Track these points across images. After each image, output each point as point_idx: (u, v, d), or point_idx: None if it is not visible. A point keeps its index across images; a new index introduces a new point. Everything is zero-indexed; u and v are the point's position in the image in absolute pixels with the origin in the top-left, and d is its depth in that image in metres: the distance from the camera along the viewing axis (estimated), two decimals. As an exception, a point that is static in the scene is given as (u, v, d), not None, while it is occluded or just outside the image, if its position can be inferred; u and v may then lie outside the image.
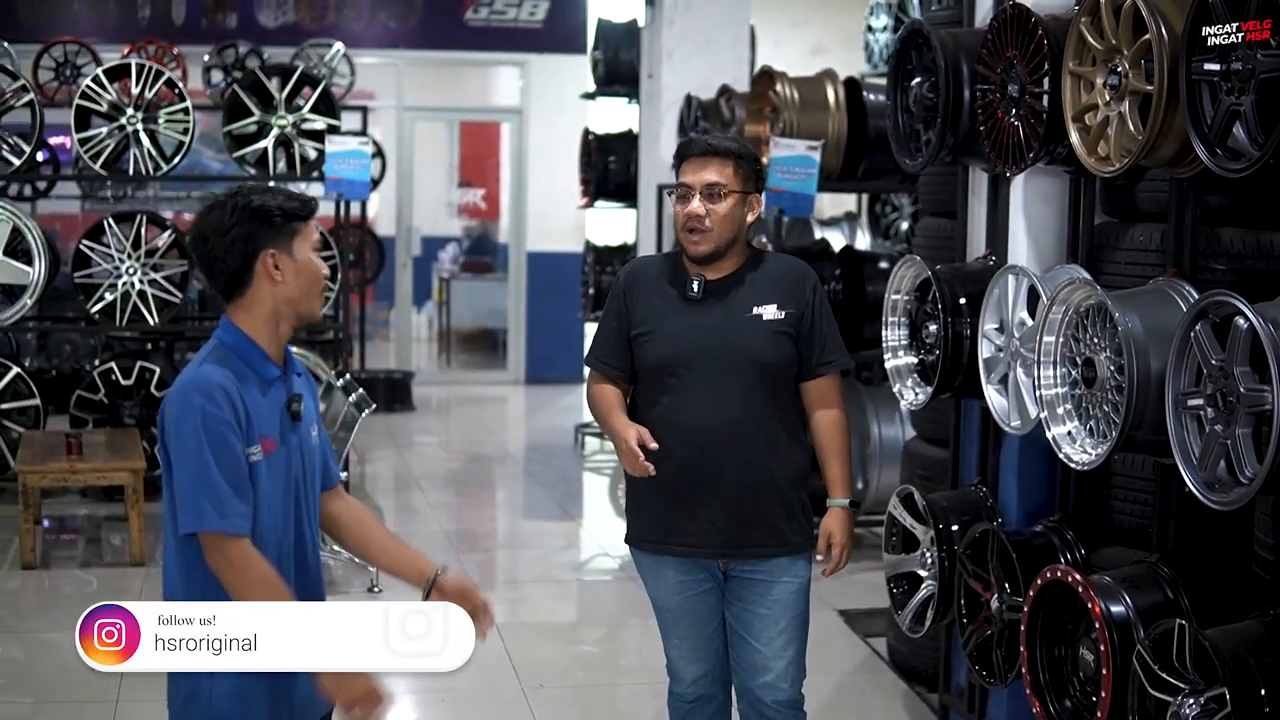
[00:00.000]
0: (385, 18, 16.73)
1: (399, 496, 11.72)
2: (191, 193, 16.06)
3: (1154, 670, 4.59)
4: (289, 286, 3.97)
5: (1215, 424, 4.36)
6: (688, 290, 5.03)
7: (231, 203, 3.92)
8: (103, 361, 11.07)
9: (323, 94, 11.31)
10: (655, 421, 4.99)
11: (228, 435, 3.86)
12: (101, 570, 9.24)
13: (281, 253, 3.94)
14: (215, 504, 3.86)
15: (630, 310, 5.08)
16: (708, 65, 11.81)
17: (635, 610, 8.59)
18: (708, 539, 5.04)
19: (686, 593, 5.14)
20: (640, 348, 5.06)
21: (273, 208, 3.92)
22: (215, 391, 3.85)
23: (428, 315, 19.91)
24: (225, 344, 3.97)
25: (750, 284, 5.06)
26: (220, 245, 3.92)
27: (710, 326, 5.00)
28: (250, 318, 3.98)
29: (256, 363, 3.98)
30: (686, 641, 5.20)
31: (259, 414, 3.95)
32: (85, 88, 10.60)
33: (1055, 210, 5.95)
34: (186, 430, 3.86)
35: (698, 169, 4.98)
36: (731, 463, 4.98)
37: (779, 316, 5.02)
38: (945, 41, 6.01)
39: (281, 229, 3.94)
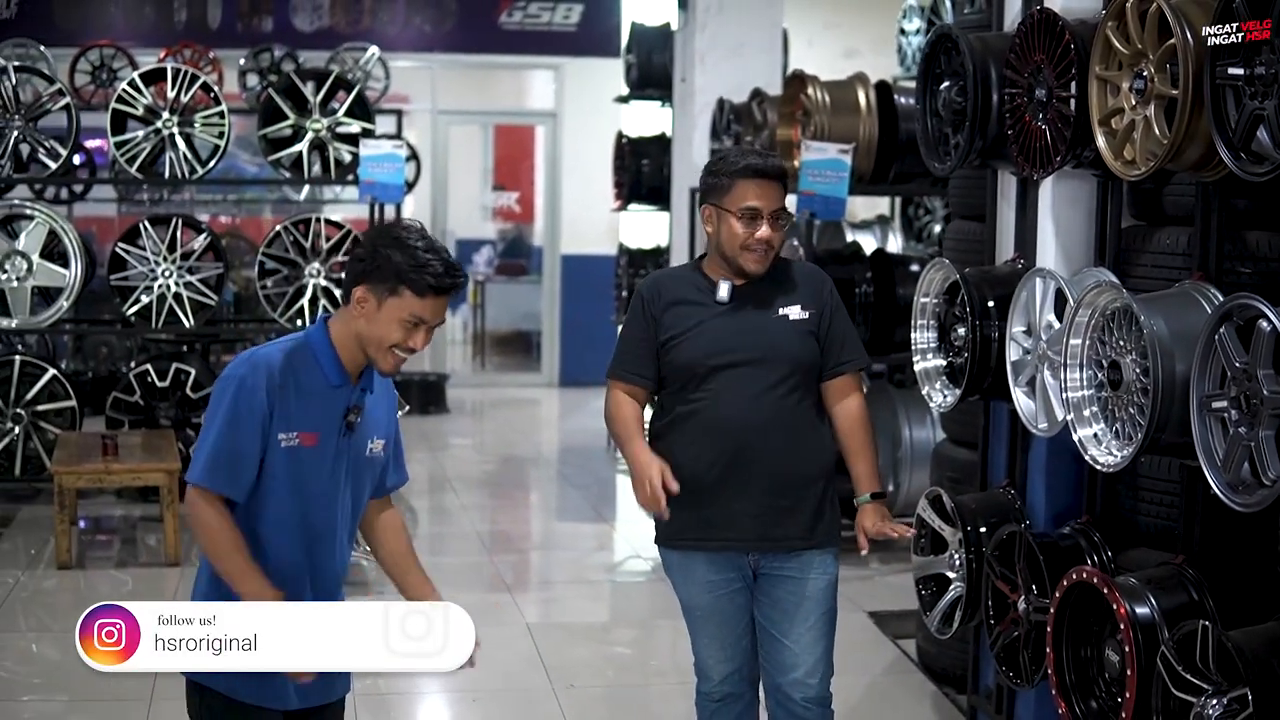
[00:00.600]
0: (420, 21, 16.80)
1: (433, 498, 11.78)
2: (227, 196, 16.17)
3: (1177, 671, 4.62)
4: (362, 326, 4.13)
5: (1239, 426, 4.39)
6: (716, 295, 5.10)
7: (398, 234, 4.12)
8: (138, 363, 11.16)
9: (357, 97, 11.38)
10: (689, 419, 5.07)
11: (253, 409, 4.07)
12: (137, 570, 9.32)
13: (373, 297, 4.10)
14: (210, 461, 4.09)
15: (657, 320, 5.13)
16: (740, 69, 11.83)
17: (667, 612, 8.60)
18: (741, 532, 5.10)
19: (716, 591, 5.18)
20: (671, 352, 5.11)
21: (395, 260, 4.06)
22: (261, 368, 4.09)
23: (462, 318, 19.97)
24: (308, 335, 4.22)
25: (774, 287, 5.14)
26: (354, 255, 4.17)
27: (741, 327, 5.08)
28: (338, 326, 4.20)
29: (325, 365, 4.17)
30: (715, 640, 5.23)
31: (307, 407, 4.14)
32: (121, 91, 10.70)
33: (1083, 213, 5.96)
34: (222, 393, 4.11)
35: (768, 193, 5.03)
36: (764, 459, 5.06)
37: (804, 317, 5.12)
38: (974, 46, 6.04)
39: (387, 280, 4.07)
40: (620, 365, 5.19)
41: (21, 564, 9.29)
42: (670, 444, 5.08)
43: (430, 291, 4.09)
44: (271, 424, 4.11)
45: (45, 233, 10.47)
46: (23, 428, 10.66)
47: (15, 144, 10.69)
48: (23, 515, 10.41)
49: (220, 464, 4.10)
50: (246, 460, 4.11)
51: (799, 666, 5.17)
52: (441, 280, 4.09)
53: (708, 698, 5.34)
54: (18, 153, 10.82)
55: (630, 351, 5.18)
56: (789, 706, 5.20)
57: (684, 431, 5.06)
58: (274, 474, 4.16)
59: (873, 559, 9.66)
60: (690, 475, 5.01)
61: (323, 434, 4.18)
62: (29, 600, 8.60)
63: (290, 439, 4.13)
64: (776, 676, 5.21)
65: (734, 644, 5.23)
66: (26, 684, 7.26)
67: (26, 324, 10.61)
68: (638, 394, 5.16)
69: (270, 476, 4.17)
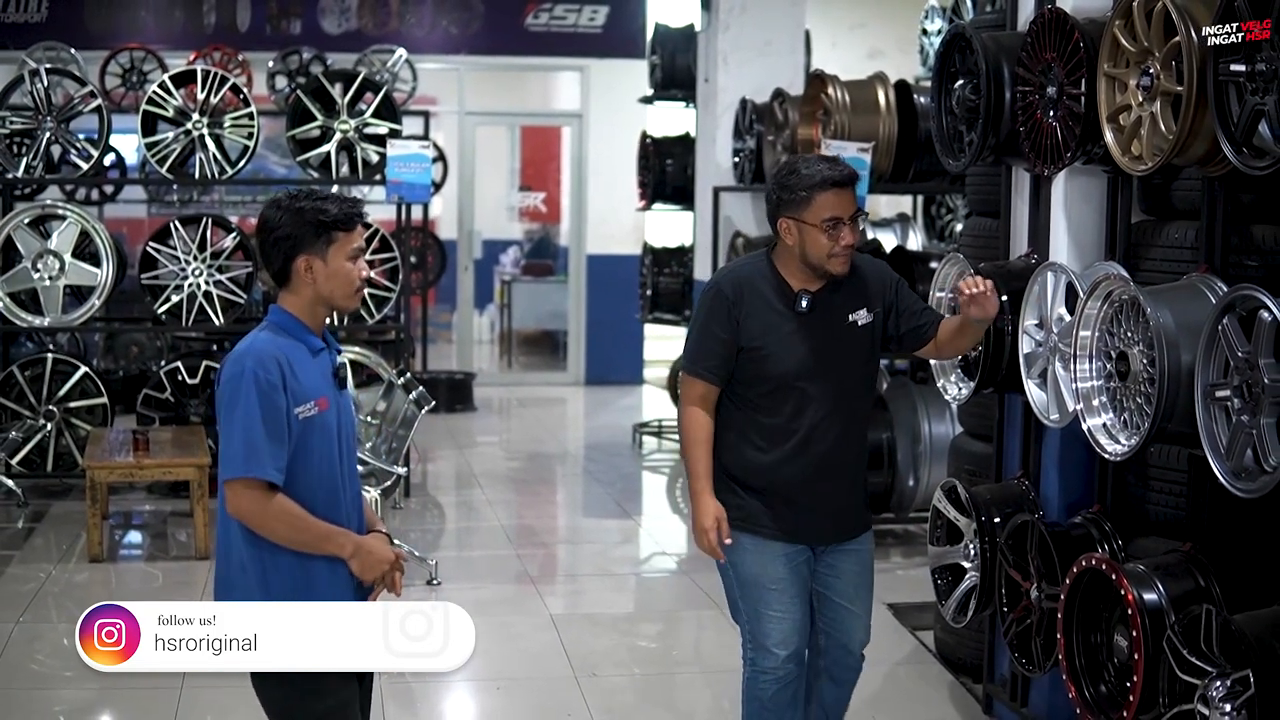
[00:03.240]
0: (447, 24, 16.89)
1: (460, 494, 11.89)
2: (256, 196, 16.29)
3: (1183, 654, 4.72)
4: (321, 286, 4.35)
5: (1242, 414, 4.49)
6: (796, 306, 5.25)
7: (284, 203, 4.34)
8: (169, 361, 11.31)
9: (384, 99, 11.51)
10: (773, 430, 5.28)
11: (273, 395, 4.20)
12: (167, 564, 9.45)
13: (315, 258, 4.32)
14: (250, 454, 4.18)
15: (740, 324, 5.27)
16: (763, 69, 11.95)
17: (691, 604, 8.76)
18: (815, 533, 5.38)
19: (791, 561, 5.37)
20: (756, 363, 5.26)
21: (311, 215, 4.31)
22: (265, 357, 4.23)
23: (489, 317, 20.07)
24: (274, 322, 4.37)
25: (843, 291, 5.30)
26: (267, 243, 4.35)
27: (821, 341, 5.25)
28: (294, 303, 4.38)
29: (302, 335, 4.36)
30: (789, 614, 5.38)
31: (310, 377, 4.32)
32: (152, 94, 10.85)
33: (1094, 209, 6.07)
34: (235, 390, 4.21)
35: (845, 200, 5.17)
36: (839, 467, 5.33)
37: (869, 320, 5.32)
38: (987, 45, 6.14)
39: (319, 236, 4.31)
40: (699, 362, 5.32)
41: (53, 558, 9.42)
42: (749, 450, 5.31)
43: (354, 222, 4.35)
44: (289, 404, 4.24)
45: (77, 232, 10.62)
46: (55, 424, 10.82)
47: (47, 145, 10.84)
48: (55, 510, 10.55)
49: (257, 451, 4.19)
50: (278, 443, 4.21)
51: (860, 626, 5.52)
52: (352, 208, 4.37)
53: (769, 675, 5.44)
54: (49, 154, 10.97)
55: (710, 350, 5.30)
56: (846, 660, 5.54)
57: (768, 439, 5.29)
58: (301, 447, 4.29)
59: (894, 553, 9.78)
60: (773, 479, 5.29)
61: (329, 396, 4.38)
62: (60, 594, 8.71)
63: (309, 409, 4.29)
64: (838, 635, 5.50)
65: (800, 619, 5.40)
66: (58, 676, 7.37)
67: (58, 322, 10.77)
68: (711, 398, 5.33)
69: (305, 452, 4.30)
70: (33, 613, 8.28)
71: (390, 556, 4.40)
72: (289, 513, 4.24)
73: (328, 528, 4.31)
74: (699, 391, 5.31)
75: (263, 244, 4.37)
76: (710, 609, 8.53)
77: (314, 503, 4.31)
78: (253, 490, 4.21)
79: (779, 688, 5.44)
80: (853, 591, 5.47)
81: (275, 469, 4.21)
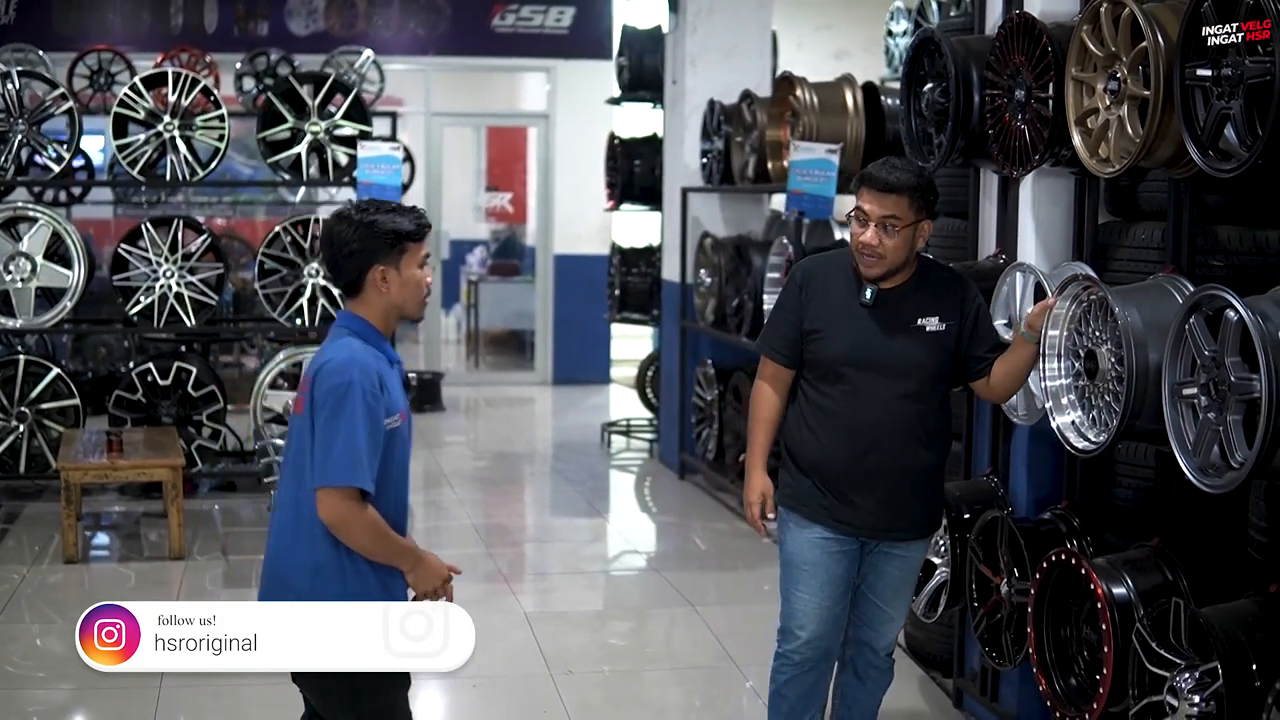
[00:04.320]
0: (414, 25, 16.88)
1: (429, 493, 11.91)
2: (222, 198, 16.28)
3: (1151, 647, 4.82)
4: (395, 295, 4.47)
5: (1208, 412, 4.58)
6: (861, 297, 5.36)
7: (355, 218, 4.43)
8: (140, 362, 11.31)
9: (354, 100, 11.52)
10: (823, 413, 5.40)
11: (375, 407, 4.31)
12: (141, 564, 9.46)
13: (390, 268, 4.44)
14: (352, 463, 4.25)
15: (805, 306, 5.42)
16: (731, 70, 11.98)
17: (662, 601, 8.83)
18: (862, 521, 5.43)
19: (829, 549, 5.46)
20: (812, 343, 5.41)
21: (386, 228, 4.41)
22: (369, 370, 4.34)
23: (456, 317, 20.09)
24: (355, 330, 4.47)
25: (918, 296, 5.38)
26: (340, 256, 4.45)
27: (879, 333, 5.34)
28: (367, 311, 4.49)
29: (383, 346, 4.49)
30: (815, 598, 5.48)
31: (394, 388, 4.45)
32: (124, 96, 10.84)
33: (1062, 210, 6.16)
34: (341, 399, 4.29)
35: (877, 201, 5.26)
36: (887, 459, 5.37)
37: (940, 329, 5.37)
38: (955, 49, 6.23)
39: (393, 247, 4.42)
40: (768, 341, 5.54)
41: (27, 559, 9.44)
42: (804, 430, 5.45)
43: (424, 231, 4.47)
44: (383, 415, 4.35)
45: (48, 234, 10.61)
46: (27, 426, 10.82)
47: (19, 147, 10.84)
48: (28, 512, 10.55)
49: (359, 461, 4.27)
50: (375, 455, 4.31)
51: (890, 625, 5.67)
52: (422, 219, 4.48)
53: (787, 659, 5.57)
54: (18, 156, 10.97)
55: (780, 331, 5.50)
56: (870, 658, 5.72)
57: (819, 422, 5.41)
58: (385, 458, 4.39)
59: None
60: (820, 462, 5.41)
61: (405, 408, 4.51)
62: (34, 595, 8.72)
63: (394, 421, 4.40)
64: (867, 631, 5.66)
65: (829, 607, 5.50)
66: (31, 677, 7.40)
67: (30, 324, 10.77)
68: (782, 377, 5.51)
69: (388, 463, 4.41)
70: (9, 614, 8.30)
71: (445, 573, 4.51)
72: (376, 523, 4.34)
73: (404, 543, 4.44)
74: (769, 371, 5.53)
75: (333, 258, 4.47)
76: (682, 606, 8.61)
77: (389, 511, 4.42)
78: (349, 499, 4.28)
79: (796, 673, 5.55)
80: (890, 594, 5.59)
81: (371, 479, 4.30)
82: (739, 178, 11.10)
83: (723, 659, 7.75)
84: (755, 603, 8.67)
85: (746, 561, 9.76)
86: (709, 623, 8.30)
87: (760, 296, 10.13)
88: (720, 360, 11.58)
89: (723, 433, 11.27)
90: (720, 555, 10.06)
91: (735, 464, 10.93)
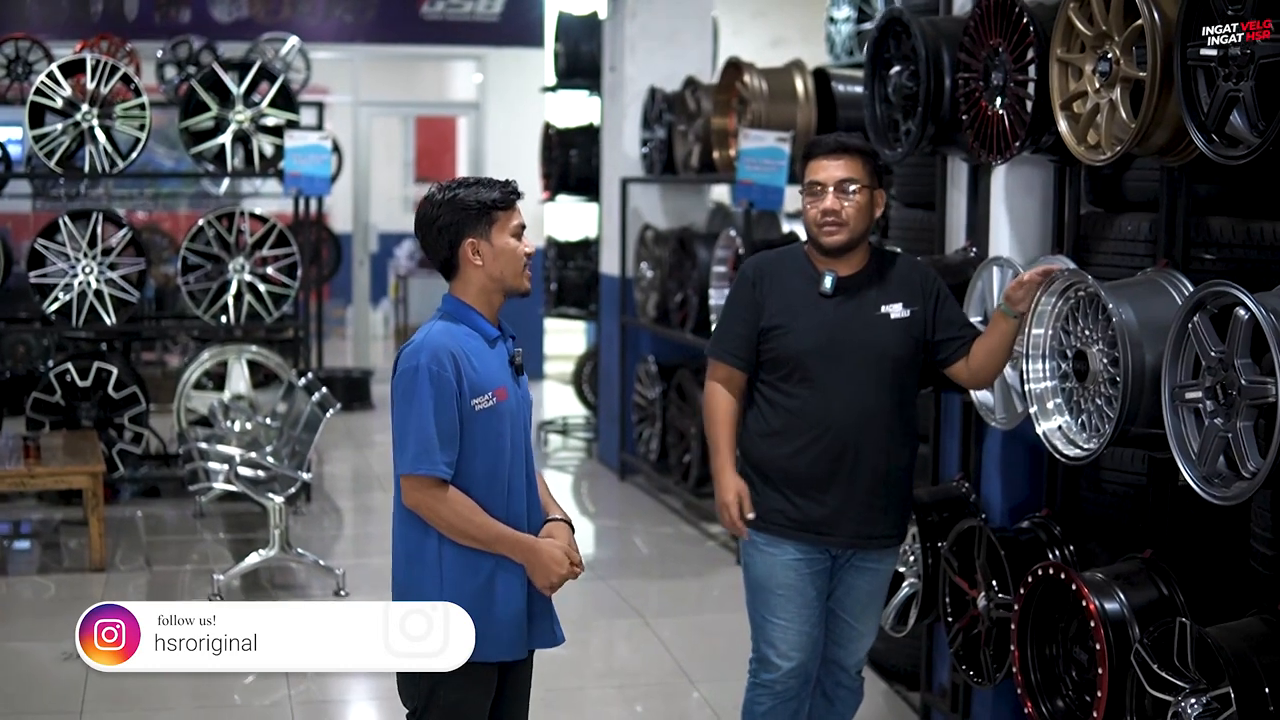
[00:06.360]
0: (340, 12, 16.58)
1: (359, 497, 11.57)
2: (143, 190, 15.84)
3: (1153, 669, 4.50)
4: (490, 268, 4.42)
5: (1215, 417, 4.27)
6: (821, 287, 5.10)
7: (439, 196, 4.44)
8: (58, 362, 10.88)
9: (281, 88, 11.13)
10: (789, 414, 5.13)
11: (446, 391, 4.30)
12: (61, 576, 9.04)
13: (481, 240, 4.40)
14: (423, 451, 4.28)
15: (761, 303, 5.16)
16: (671, 57, 11.67)
17: (606, 611, 8.49)
18: (838, 531, 5.16)
19: (802, 570, 5.20)
20: (774, 340, 5.14)
21: (471, 200, 4.39)
22: (440, 352, 4.33)
23: (384, 313, 19.75)
24: (449, 312, 4.47)
25: (877, 283, 5.15)
26: (430, 235, 4.44)
27: (844, 322, 5.09)
28: (465, 292, 4.47)
29: (478, 324, 4.44)
30: (794, 624, 5.22)
31: (487, 367, 4.40)
32: (40, 84, 10.40)
33: (1038, 200, 5.86)
34: (411, 385, 4.33)
35: (829, 166, 5.06)
36: (865, 456, 5.11)
37: (906, 315, 5.13)
38: (925, 30, 5.91)
39: (481, 218, 4.39)
40: (721, 344, 5.26)
41: (-60, 570, 9.05)
42: (768, 437, 5.17)
43: (513, 200, 4.44)
44: (462, 398, 4.32)
45: (-39, 229, 10.20)
46: (-60, 430, 10.39)
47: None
48: (-60, 520, 10.16)
49: (430, 448, 4.28)
50: (450, 439, 4.30)
51: (860, 642, 5.43)
52: (508, 186, 4.45)
53: (768, 689, 5.30)
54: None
55: (732, 331, 5.23)
56: (839, 677, 5.47)
57: (785, 424, 5.14)
58: (477, 441, 4.36)
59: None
60: (790, 469, 5.14)
61: (508, 386, 4.45)
62: (-52, 607, 8.37)
63: (487, 401, 4.37)
64: (836, 650, 5.42)
65: (809, 631, 5.25)
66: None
67: (-57, 323, 10.34)
68: (736, 380, 5.25)
69: (474, 444, 4.36)
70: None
71: (561, 559, 4.43)
72: (460, 510, 4.33)
73: (499, 529, 4.37)
74: (721, 374, 5.25)
75: (425, 237, 4.46)
76: (629, 616, 8.28)
77: (491, 499, 4.39)
78: (428, 487, 4.31)
79: (776, 703, 5.29)
80: (859, 609, 5.35)
81: (446, 464, 4.30)
82: (682, 168, 10.76)
83: (676, 674, 7.41)
84: (706, 611, 8.37)
85: (693, 567, 9.44)
86: (658, 634, 7.96)
87: (706, 291, 9.83)
88: (663, 357, 11.28)
89: (666, 432, 10.96)
90: (665, 561, 9.71)
91: (679, 465, 10.65)
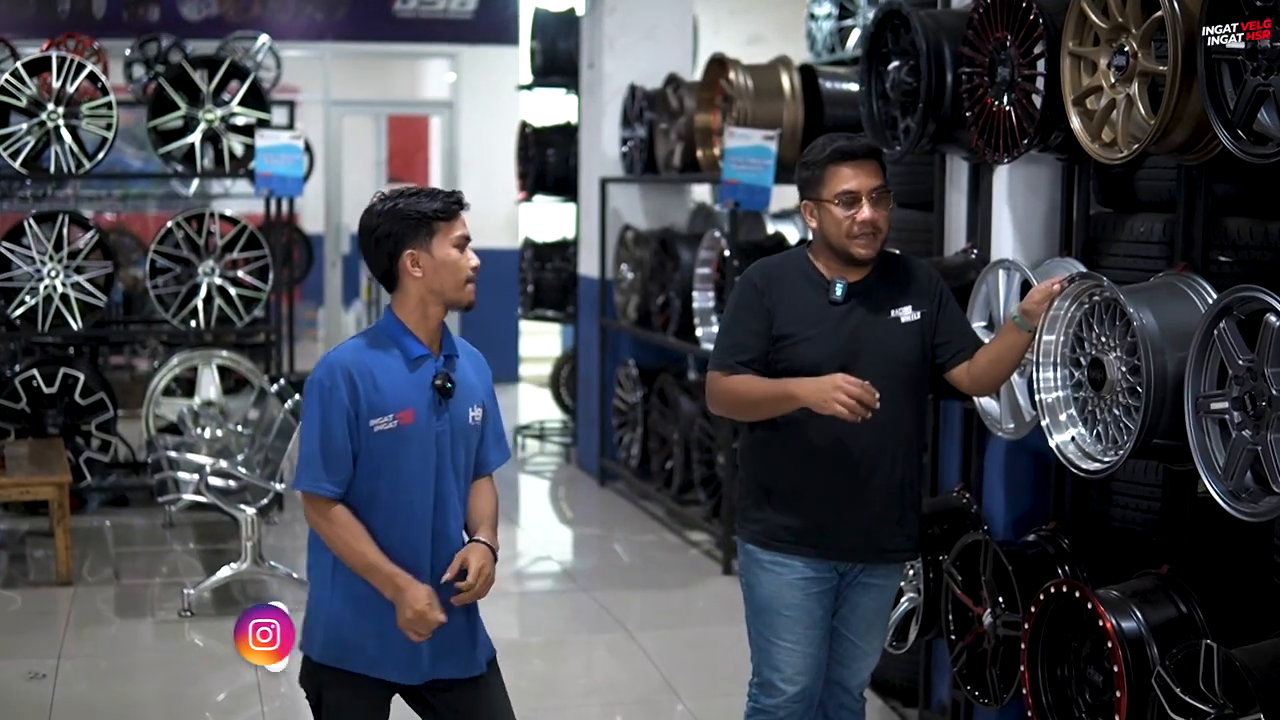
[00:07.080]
0: (312, 10, 16.36)
1: (334, 504, 11.29)
2: (111, 191, 15.58)
3: (1175, 692, 4.28)
4: (430, 280, 4.30)
5: (1242, 429, 4.07)
6: (831, 294, 4.83)
7: (380, 206, 4.32)
8: (24, 368, 10.61)
9: (251, 87, 10.88)
10: (802, 424, 4.80)
11: (334, 409, 4.22)
12: (27, 589, 8.78)
13: (421, 251, 4.28)
14: (311, 467, 4.24)
15: (772, 311, 4.87)
16: (651, 54, 11.45)
17: (583, 623, 8.27)
18: (852, 544, 4.92)
19: (810, 590, 4.95)
20: (785, 351, 4.84)
21: (411, 210, 4.27)
22: (335, 368, 4.24)
23: (356, 315, 19.48)
24: (377, 328, 4.38)
25: (886, 286, 4.90)
26: (370, 246, 4.33)
27: (857, 330, 4.83)
28: (402, 305, 4.34)
29: (403, 342, 4.32)
30: (800, 646, 4.97)
31: (396, 387, 4.27)
32: (4, 82, 10.12)
33: (1044, 200, 5.65)
34: (307, 398, 4.28)
35: (863, 173, 4.77)
36: (880, 466, 4.87)
37: (915, 318, 4.89)
38: (925, 23, 5.69)
39: (421, 229, 4.27)
40: (731, 355, 4.89)
41: (-99, 583, 8.78)
42: (780, 455, 4.91)
43: (455, 211, 4.32)
44: (358, 417, 4.23)
45: (-76, 232, 9.92)
46: (-98, 438, 10.11)
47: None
48: (-98, 531, 9.88)
49: (313, 464, 4.23)
50: (338, 457, 4.23)
51: (865, 661, 5.16)
52: (451, 197, 4.35)
53: (772, 715, 5.04)
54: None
55: (741, 343, 4.88)
56: (842, 699, 5.20)
57: (797, 437, 4.85)
58: (377, 462, 4.26)
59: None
60: (806, 486, 4.88)
61: (418, 408, 4.29)
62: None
63: (387, 422, 4.24)
64: (840, 670, 5.15)
65: (815, 654, 5.00)
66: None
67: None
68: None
69: (374, 465, 4.27)
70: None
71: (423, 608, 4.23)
72: (342, 531, 4.26)
73: (373, 560, 4.25)
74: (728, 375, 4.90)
75: (365, 247, 4.35)
76: (612, 630, 8.06)
77: (393, 524, 4.29)
78: (313, 502, 4.27)
79: None
80: (864, 628, 5.07)
81: (332, 483, 4.24)
82: (664, 167, 10.53)
83: (661, 689, 7.18)
84: (691, 623, 8.15)
85: (677, 577, 9.22)
86: (643, 647, 7.73)
87: (689, 293, 9.61)
88: (644, 361, 11.06)
89: (647, 437, 10.75)
90: (648, 570, 9.48)
91: (662, 471, 10.45)
